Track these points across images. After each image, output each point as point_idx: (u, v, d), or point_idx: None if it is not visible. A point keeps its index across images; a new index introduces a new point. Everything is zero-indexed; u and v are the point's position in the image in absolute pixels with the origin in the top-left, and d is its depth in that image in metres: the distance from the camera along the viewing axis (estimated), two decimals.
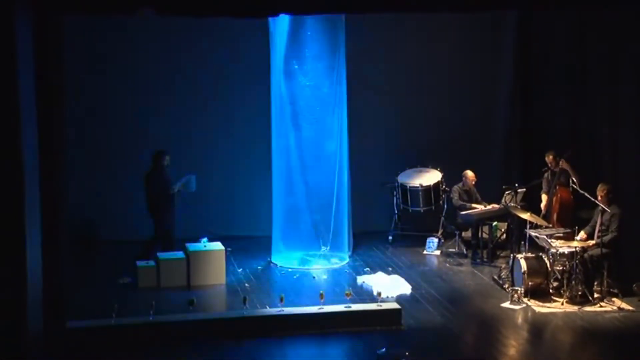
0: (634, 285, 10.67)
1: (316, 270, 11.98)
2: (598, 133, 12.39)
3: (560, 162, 11.80)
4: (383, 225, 13.52)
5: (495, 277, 11.53)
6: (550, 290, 10.77)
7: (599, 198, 10.83)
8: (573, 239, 10.82)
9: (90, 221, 12.93)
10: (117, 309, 9.49)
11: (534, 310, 10.42)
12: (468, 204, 12.53)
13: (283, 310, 9.87)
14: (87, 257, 12.37)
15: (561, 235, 11.14)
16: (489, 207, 12.50)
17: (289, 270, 12.05)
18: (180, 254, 11.37)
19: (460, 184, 12.71)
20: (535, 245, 11.24)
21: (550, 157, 12.00)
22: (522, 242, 11.31)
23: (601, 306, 10.47)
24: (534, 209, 11.97)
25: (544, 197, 12.18)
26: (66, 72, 9.40)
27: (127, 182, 13.03)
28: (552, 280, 10.79)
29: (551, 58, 13.32)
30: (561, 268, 10.72)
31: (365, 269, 11.95)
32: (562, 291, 10.65)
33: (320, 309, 9.91)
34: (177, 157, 13.06)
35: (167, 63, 13.13)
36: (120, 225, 13.02)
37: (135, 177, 13.02)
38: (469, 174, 12.66)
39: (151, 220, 11.66)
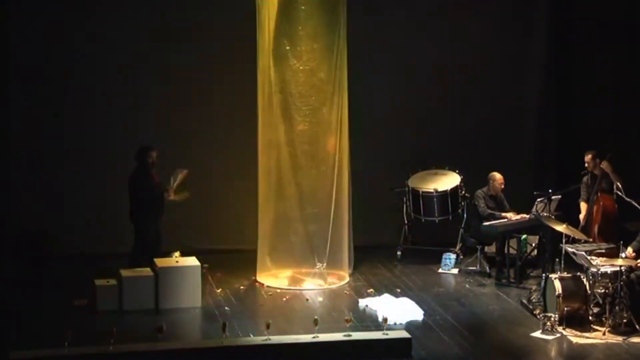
0: None
1: (310, 292, 11.96)
2: None
3: (602, 164, 11.80)
4: (390, 238, 13.53)
5: (525, 300, 11.52)
6: (590, 318, 10.76)
7: None
8: (617, 256, 10.81)
9: (40, 233, 12.91)
10: (71, 337, 9.45)
11: (570, 341, 10.41)
12: (497, 213, 12.52)
13: (270, 339, 9.86)
14: (35, 275, 12.33)
15: (603, 251, 11.14)
16: (518, 217, 12.49)
17: (278, 291, 12.04)
18: (146, 271, 11.33)
19: (485, 189, 12.71)
20: (572, 263, 11.23)
21: (590, 156, 12.00)
22: (557, 260, 11.31)
23: None
24: (571, 219, 11.97)
25: (583, 206, 12.18)
26: (12, 56, 9.40)
27: (84, 188, 13.08)
28: (592, 306, 10.78)
29: (593, 39, 13.34)
30: (603, 291, 10.71)
31: (369, 291, 11.94)
32: (604, 318, 10.64)
33: (314, 337, 9.91)
34: None
35: (135, 44, 13.13)
36: (76, 238, 13.02)
37: (94, 182, 13.06)
38: (497, 176, 12.67)
39: (133, 227, 11.72)
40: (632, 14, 12.67)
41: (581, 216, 12.14)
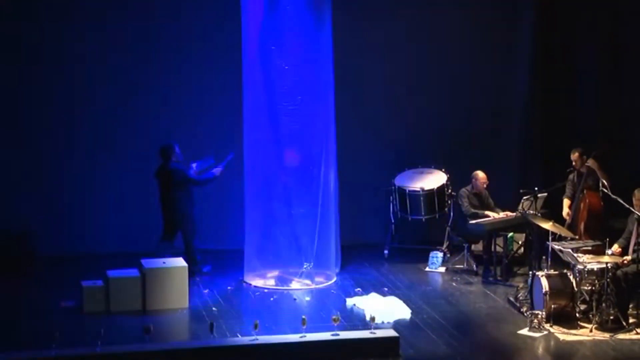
0: None
1: (297, 291, 11.98)
2: (634, 128, 12.46)
3: (588, 162, 11.85)
4: (377, 237, 13.55)
5: (512, 298, 11.56)
6: (577, 315, 10.80)
7: (637, 207, 10.87)
8: (604, 253, 10.85)
9: (26, 233, 12.87)
10: (59, 338, 9.43)
11: (557, 339, 10.45)
12: (481, 212, 12.56)
13: (257, 339, 9.86)
14: (22, 276, 12.29)
15: (590, 248, 11.18)
16: (502, 214, 12.53)
17: (265, 291, 12.04)
18: (133, 272, 11.33)
19: (469, 187, 12.75)
20: (558, 261, 11.27)
21: (577, 154, 12.04)
22: (543, 257, 11.34)
23: (637, 333, 10.50)
24: (557, 217, 12.01)
25: (566, 202, 12.23)
26: None
27: (69, 188, 13.04)
28: (578, 303, 10.82)
29: (578, 38, 13.39)
30: (590, 288, 10.76)
31: (356, 290, 11.96)
32: (590, 315, 10.69)
33: (302, 337, 9.91)
34: (128, 155, 13.08)
35: (118, 43, 13.11)
36: (62, 239, 12.99)
37: (78, 182, 13.03)
38: (480, 174, 12.71)
39: (172, 222, 12.22)
40: (616, 12, 12.74)
41: (564, 212, 12.18)
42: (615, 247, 10.92)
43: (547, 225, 11.27)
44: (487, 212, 12.57)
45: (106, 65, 13.10)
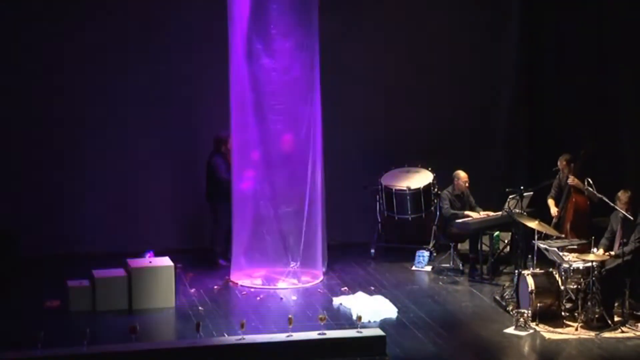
0: None
1: (284, 291, 11.96)
2: (620, 127, 12.48)
3: (570, 179, 11.83)
4: (364, 236, 13.54)
5: (497, 297, 11.57)
6: (563, 313, 10.81)
7: (624, 207, 10.87)
8: (589, 252, 10.86)
9: (9, 233, 12.82)
10: (44, 338, 9.39)
11: (543, 337, 10.46)
12: (460, 213, 12.56)
13: (244, 339, 9.84)
14: (5, 276, 12.25)
15: (575, 247, 11.19)
16: (483, 214, 12.53)
17: (252, 290, 12.02)
18: (119, 272, 11.29)
19: (450, 188, 12.74)
20: (544, 260, 11.28)
21: (564, 162, 12.02)
22: (529, 256, 11.35)
23: (622, 332, 10.53)
24: (543, 216, 12.02)
25: (551, 202, 12.22)
26: None
27: (55, 187, 12.98)
28: (564, 301, 10.83)
29: (564, 41, 13.41)
30: (575, 286, 10.77)
31: (343, 289, 11.94)
32: (576, 314, 10.70)
33: (288, 336, 9.90)
34: (116, 156, 13.04)
35: (102, 42, 13.07)
36: (47, 239, 12.93)
37: (64, 182, 12.98)
38: (461, 174, 12.70)
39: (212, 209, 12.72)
40: (601, 12, 12.77)
41: (552, 211, 12.17)
42: (600, 252, 10.88)
43: (533, 224, 11.28)
44: (466, 213, 12.57)
45: (93, 63, 13.06)
